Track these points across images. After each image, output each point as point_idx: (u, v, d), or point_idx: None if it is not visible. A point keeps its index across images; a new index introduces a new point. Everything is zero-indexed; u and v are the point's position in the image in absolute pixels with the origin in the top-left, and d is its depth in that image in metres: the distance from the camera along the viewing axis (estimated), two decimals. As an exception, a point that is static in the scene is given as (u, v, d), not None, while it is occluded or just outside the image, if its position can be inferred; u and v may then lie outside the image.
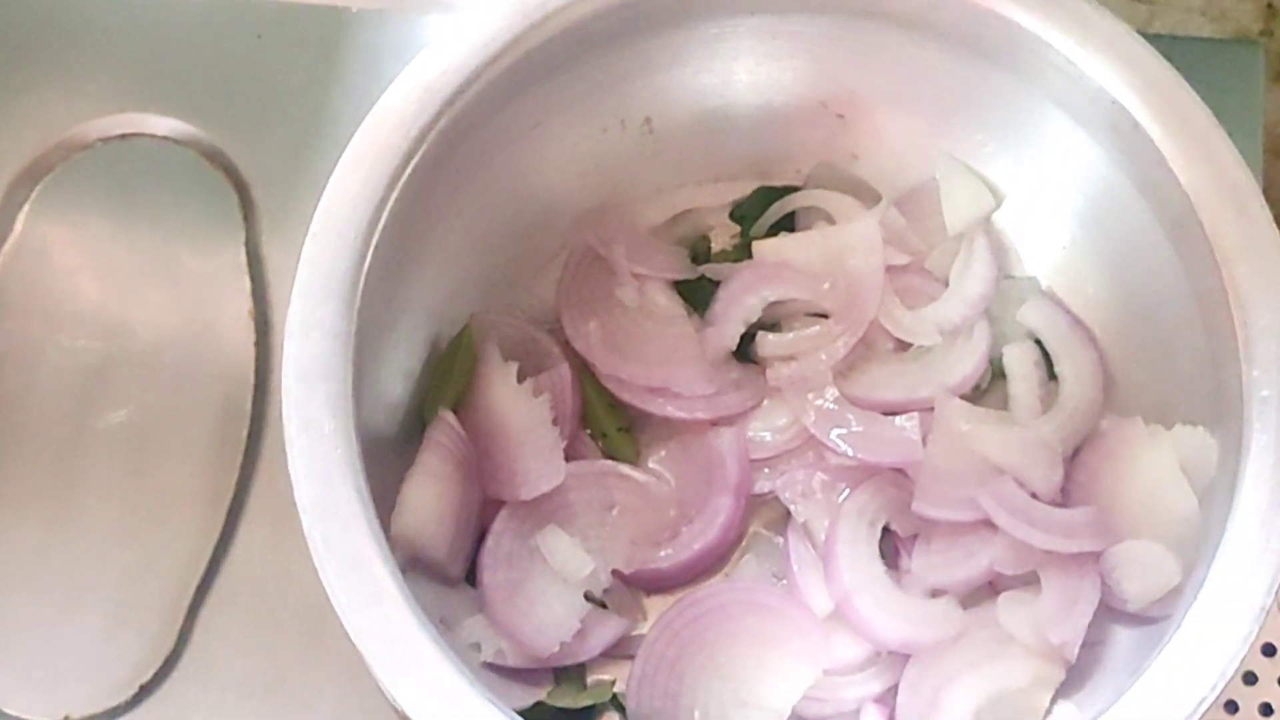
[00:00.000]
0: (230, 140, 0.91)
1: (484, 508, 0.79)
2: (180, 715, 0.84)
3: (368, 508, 0.67)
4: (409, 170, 0.72)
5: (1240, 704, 0.83)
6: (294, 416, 0.68)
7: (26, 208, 0.91)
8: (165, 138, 0.92)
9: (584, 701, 0.78)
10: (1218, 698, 0.65)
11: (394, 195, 0.71)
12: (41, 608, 0.85)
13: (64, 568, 0.86)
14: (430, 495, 0.76)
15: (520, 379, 0.80)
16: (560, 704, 0.77)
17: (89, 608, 0.85)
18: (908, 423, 0.79)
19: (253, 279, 0.89)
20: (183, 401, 0.88)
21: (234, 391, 0.88)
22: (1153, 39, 0.75)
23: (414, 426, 0.79)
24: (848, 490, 0.79)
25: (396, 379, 0.78)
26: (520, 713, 0.67)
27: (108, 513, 0.86)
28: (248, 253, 0.90)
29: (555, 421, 0.79)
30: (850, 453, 0.79)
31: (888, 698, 0.77)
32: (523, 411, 0.79)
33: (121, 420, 0.88)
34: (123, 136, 0.92)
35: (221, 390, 0.88)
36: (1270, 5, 0.98)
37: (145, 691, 0.83)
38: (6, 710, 0.84)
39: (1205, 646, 0.65)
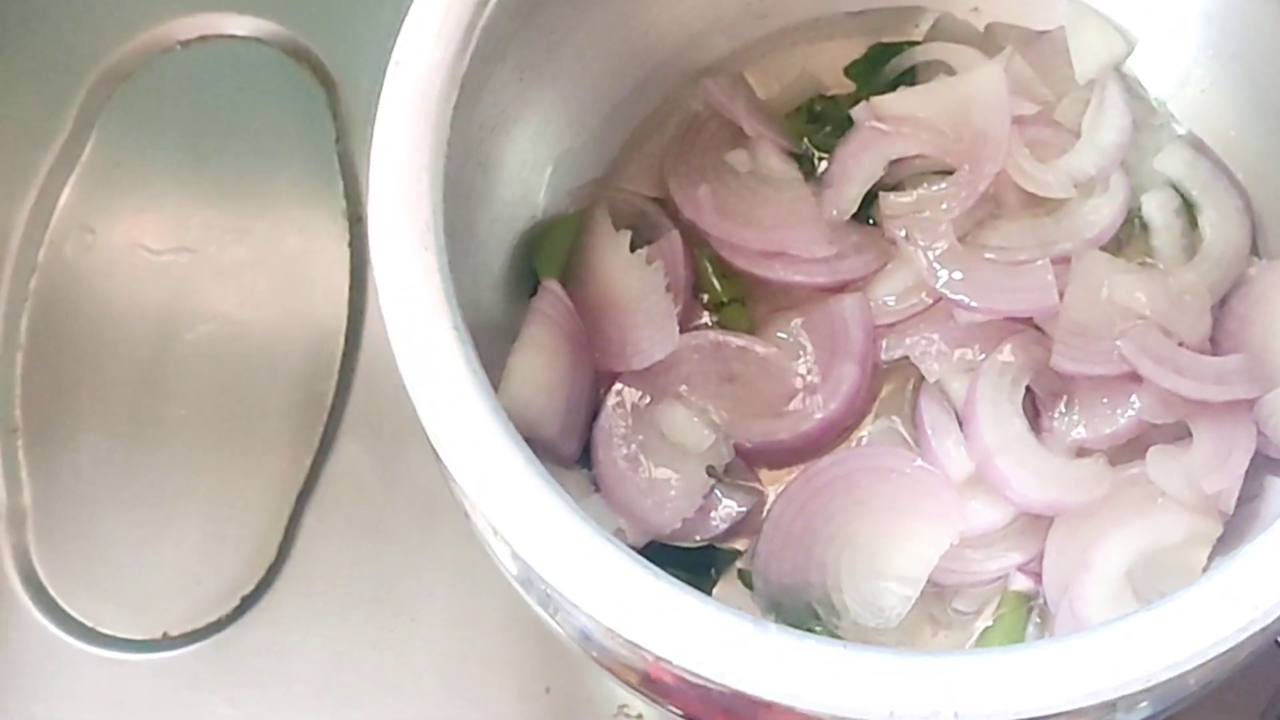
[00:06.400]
0: (315, 36, 0.88)
1: (596, 386, 0.74)
2: (284, 627, 0.80)
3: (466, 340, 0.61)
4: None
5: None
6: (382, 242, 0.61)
7: (103, 113, 0.88)
8: (247, 37, 0.89)
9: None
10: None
11: (480, 23, 0.66)
12: (133, 525, 0.82)
13: (155, 483, 0.83)
14: (538, 367, 0.71)
15: (631, 249, 0.75)
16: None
17: (184, 523, 0.82)
18: (1038, 267, 0.74)
19: (344, 178, 0.86)
20: (275, 309, 0.85)
21: (329, 296, 0.85)
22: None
23: (519, 307, 0.74)
24: (983, 354, 0.74)
25: (498, 253, 0.73)
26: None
27: (198, 425, 0.84)
28: (338, 152, 0.87)
29: (669, 289, 0.75)
30: (975, 305, 0.73)
31: (1031, 566, 0.73)
32: (635, 279, 0.74)
33: (211, 331, 0.85)
34: (203, 38, 0.89)
35: (316, 296, 0.85)
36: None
37: (246, 604, 0.81)
38: (103, 630, 0.81)
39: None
